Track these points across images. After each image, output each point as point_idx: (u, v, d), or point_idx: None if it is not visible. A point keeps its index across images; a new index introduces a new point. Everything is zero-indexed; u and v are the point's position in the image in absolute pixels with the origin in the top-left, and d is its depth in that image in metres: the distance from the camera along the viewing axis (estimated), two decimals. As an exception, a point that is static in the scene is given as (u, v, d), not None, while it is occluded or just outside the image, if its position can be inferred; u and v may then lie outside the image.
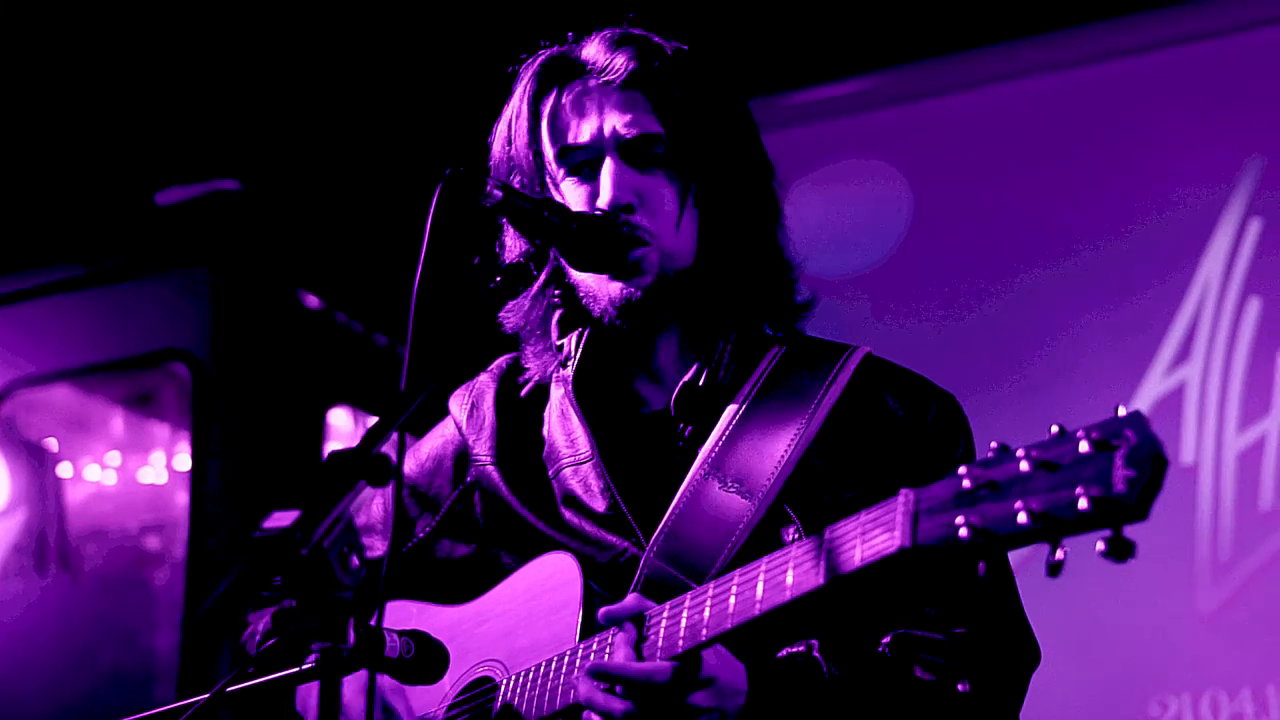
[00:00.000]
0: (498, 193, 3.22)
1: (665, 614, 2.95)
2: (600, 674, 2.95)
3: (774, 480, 3.26)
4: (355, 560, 2.62)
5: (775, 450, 3.29)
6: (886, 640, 3.14)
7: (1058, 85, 7.20)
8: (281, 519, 2.58)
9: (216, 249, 7.48)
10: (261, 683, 2.99)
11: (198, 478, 7.53)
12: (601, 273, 3.36)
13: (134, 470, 8.14)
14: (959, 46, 7.27)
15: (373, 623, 2.97)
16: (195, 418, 7.56)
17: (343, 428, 7.80)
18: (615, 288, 3.36)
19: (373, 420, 6.95)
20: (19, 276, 8.14)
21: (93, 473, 8.20)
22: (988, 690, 3.15)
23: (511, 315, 3.57)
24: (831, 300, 3.76)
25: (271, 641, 2.90)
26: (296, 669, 2.83)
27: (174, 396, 7.92)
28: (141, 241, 7.60)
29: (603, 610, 3.04)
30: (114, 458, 8.19)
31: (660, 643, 2.92)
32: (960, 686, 3.09)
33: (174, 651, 6.96)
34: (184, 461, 7.71)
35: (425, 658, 3.13)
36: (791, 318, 3.52)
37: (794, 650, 3.11)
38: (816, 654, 3.07)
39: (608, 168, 3.37)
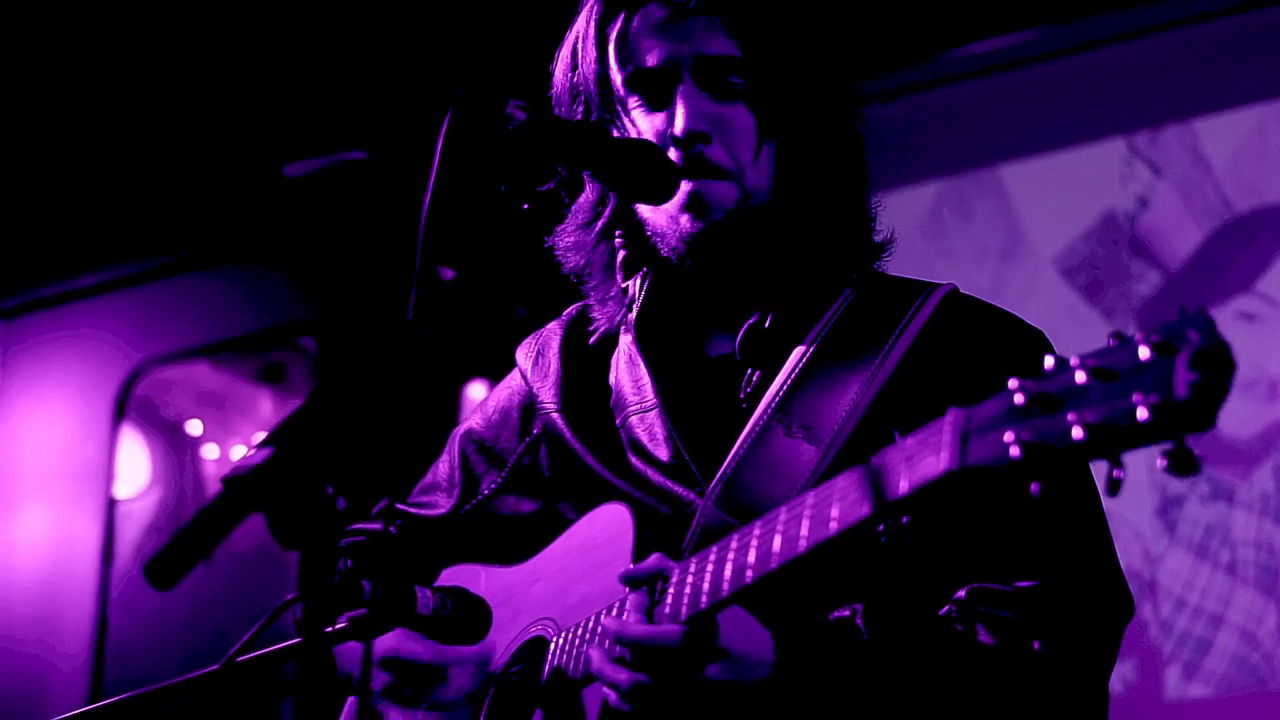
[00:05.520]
0: (520, 114, 2.93)
1: (691, 569, 2.71)
2: (605, 638, 2.76)
3: (843, 426, 3.01)
4: (342, 503, 2.42)
5: (845, 394, 3.05)
6: (959, 595, 2.88)
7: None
8: (253, 458, 2.39)
9: (344, 220, 7.43)
10: (273, 651, 2.83)
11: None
12: (658, 205, 3.14)
13: (281, 448, 8.12)
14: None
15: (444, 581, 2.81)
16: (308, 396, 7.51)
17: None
18: (685, 223, 3.13)
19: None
20: (139, 260, 8.20)
21: (239, 453, 8.19)
22: (1069, 648, 2.87)
23: (573, 255, 3.37)
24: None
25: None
26: (322, 632, 2.68)
27: (302, 372, 7.89)
28: (268, 216, 7.58)
29: (623, 572, 2.82)
30: (261, 438, 8.15)
31: (684, 601, 2.69)
32: (1035, 645, 2.82)
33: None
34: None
35: (463, 615, 2.94)
36: (868, 258, 3.28)
37: (837, 615, 2.84)
38: (859, 620, 2.81)
39: (681, 95, 3.13)
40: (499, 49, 6.97)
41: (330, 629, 2.75)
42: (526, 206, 3.02)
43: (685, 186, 3.12)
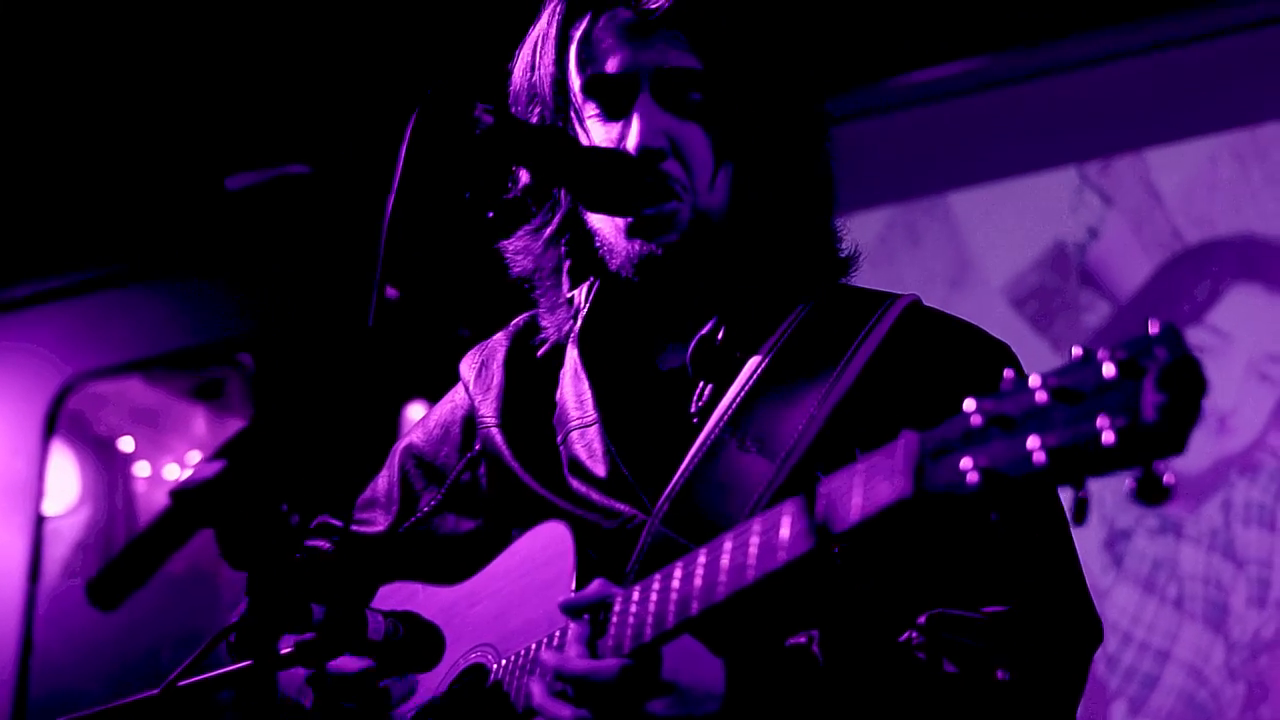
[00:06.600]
0: (488, 118, 2.85)
1: (635, 598, 2.61)
2: (546, 673, 2.65)
3: (799, 440, 2.91)
4: (296, 519, 2.32)
5: (801, 407, 2.94)
6: (920, 621, 2.78)
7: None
8: (204, 471, 2.28)
9: (286, 235, 7.35)
10: (216, 676, 2.71)
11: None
12: (620, 217, 3.03)
13: (216, 469, 8.03)
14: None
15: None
16: (259, 409, 7.44)
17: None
18: (635, 244, 3.04)
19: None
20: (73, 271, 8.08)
21: (173, 472, 8.08)
22: (1035, 677, 2.77)
23: (521, 258, 3.26)
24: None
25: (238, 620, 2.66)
26: (259, 661, 2.57)
27: (240, 388, 7.81)
28: (208, 229, 7.49)
29: (563, 600, 2.72)
30: (195, 457, 8.08)
31: (627, 632, 2.59)
32: (999, 674, 2.72)
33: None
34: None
35: (416, 641, 2.83)
36: (831, 273, 3.18)
37: (793, 643, 2.74)
38: (815, 647, 2.70)
39: (639, 108, 3.02)
40: (445, 68, 6.91)
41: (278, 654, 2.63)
42: (491, 215, 2.94)
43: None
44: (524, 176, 3.18)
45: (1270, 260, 6.45)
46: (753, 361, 3.04)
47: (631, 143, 3.00)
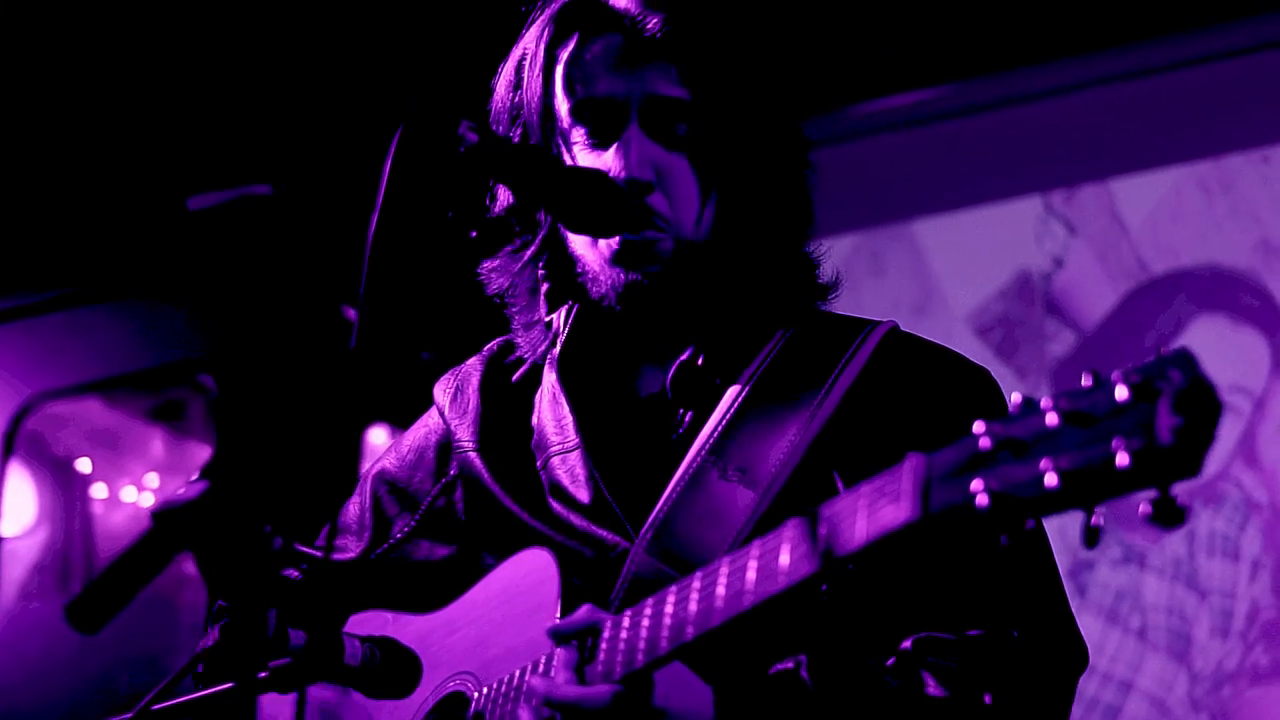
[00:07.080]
0: (473, 135, 2.79)
1: (625, 624, 2.57)
2: (534, 700, 2.62)
3: (781, 468, 2.89)
4: (279, 542, 2.27)
5: (784, 435, 2.93)
6: (905, 645, 2.76)
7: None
8: (186, 492, 2.23)
9: (247, 256, 7.30)
10: (191, 700, 2.66)
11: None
12: (602, 241, 3.00)
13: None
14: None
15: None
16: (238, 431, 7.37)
17: (382, 448, 7.63)
18: (619, 273, 3.01)
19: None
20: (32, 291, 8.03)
21: (130, 495, 7.99)
22: (1021, 701, 2.76)
23: (497, 276, 3.22)
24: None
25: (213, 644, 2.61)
26: (231, 684, 2.54)
27: (201, 410, 7.74)
28: (169, 250, 7.43)
29: (551, 626, 2.68)
30: (153, 479, 7.99)
31: (618, 659, 2.56)
32: (986, 698, 2.70)
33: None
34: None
35: (393, 667, 2.79)
36: (810, 298, 3.16)
37: (781, 668, 2.71)
38: (804, 672, 2.68)
39: (629, 137, 2.98)
40: (410, 89, 6.89)
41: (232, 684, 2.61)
42: (474, 235, 2.90)
43: (620, 239, 3.00)
44: (507, 196, 3.15)
45: (1235, 291, 6.46)
46: (733, 389, 3.02)
47: (620, 173, 2.97)
